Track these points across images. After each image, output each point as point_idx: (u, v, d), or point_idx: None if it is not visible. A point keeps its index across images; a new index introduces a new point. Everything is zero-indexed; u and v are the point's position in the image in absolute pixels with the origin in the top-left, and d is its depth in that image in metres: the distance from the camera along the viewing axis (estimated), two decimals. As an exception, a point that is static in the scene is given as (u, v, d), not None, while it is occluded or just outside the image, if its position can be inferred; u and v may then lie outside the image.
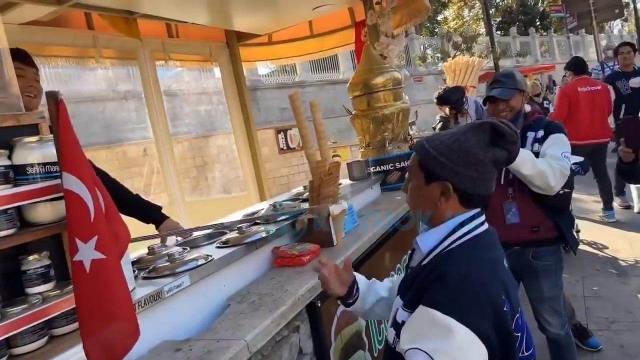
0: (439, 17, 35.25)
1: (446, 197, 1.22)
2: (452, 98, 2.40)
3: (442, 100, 2.50)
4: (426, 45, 21.69)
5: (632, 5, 26.11)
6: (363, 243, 2.16)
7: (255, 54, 5.11)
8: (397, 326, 1.21)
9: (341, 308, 1.81)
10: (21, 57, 1.93)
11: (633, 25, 29.89)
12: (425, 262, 1.24)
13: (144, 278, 1.56)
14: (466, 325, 1.04)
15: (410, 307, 1.17)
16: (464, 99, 2.71)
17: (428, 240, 1.27)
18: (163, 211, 2.44)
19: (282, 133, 7.53)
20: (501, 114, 2.41)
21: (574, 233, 2.52)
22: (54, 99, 1.04)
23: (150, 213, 2.29)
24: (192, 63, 4.51)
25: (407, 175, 1.34)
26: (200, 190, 7.86)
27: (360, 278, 1.51)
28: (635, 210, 3.32)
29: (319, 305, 1.68)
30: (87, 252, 0.98)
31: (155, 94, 3.95)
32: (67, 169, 1.00)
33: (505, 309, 1.10)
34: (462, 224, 1.22)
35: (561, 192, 2.29)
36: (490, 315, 1.07)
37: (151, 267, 1.61)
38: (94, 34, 3.44)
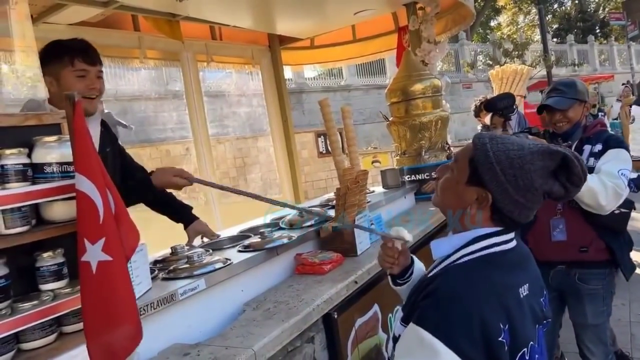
0: (492, 23, 34.46)
1: (480, 207, 1.12)
2: (499, 105, 2.28)
3: (489, 106, 2.39)
4: (477, 52, 21.23)
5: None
6: (389, 254, 2.10)
7: (297, 57, 5.13)
8: (395, 340, 1.16)
9: (359, 321, 1.78)
10: (84, 55, 1.83)
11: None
12: (431, 273, 1.17)
13: (163, 279, 1.58)
14: (453, 349, 0.97)
15: (405, 321, 1.11)
16: (514, 107, 2.58)
17: (442, 247, 1.19)
18: (199, 211, 2.50)
19: (322, 137, 7.52)
20: (557, 125, 2.28)
21: (630, 257, 2.35)
22: (70, 100, 1.06)
23: (181, 213, 2.32)
24: (235, 65, 4.58)
25: (451, 161, 1.23)
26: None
27: (418, 264, 1.50)
28: None
29: (336, 316, 1.64)
30: (94, 254, 0.98)
31: (196, 95, 4.03)
32: (79, 170, 1.02)
33: (500, 339, 1.00)
34: (482, 237, 1.12)
35: (617, 211, 2.14)
36: (480, 343, 0.98)
37: (170, 269, 1.62)
38: (139, 35, 3.55)
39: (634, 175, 2.56)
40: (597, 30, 28.45)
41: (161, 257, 1.85)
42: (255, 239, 1.92)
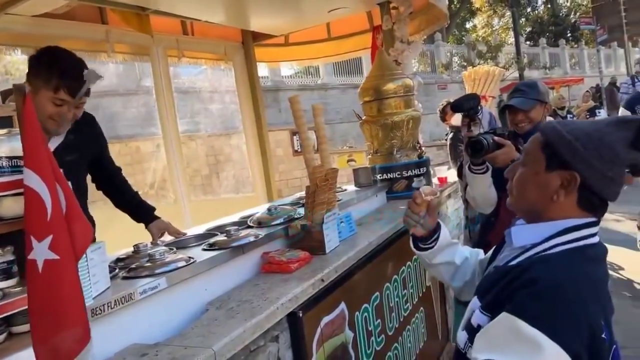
0: (468, 25, 34.97)
1: (567, 191, 1.06)
2: (465, 105, 2.31)
3: (455, 107, 2.41)
4: (453, 53, 21.50)
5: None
6: (357, 252, 2.10)
7: (271, 54, 5.10)
8: (472, 330, 1.09)
9: (325, 319, 1.77)
10: (71, 87, 1.77)
11: (669, 41, 29.11)
12: (515, 262, 1.10)
13: (123, 278, 1.54)
14: (558, 343, 0.90)
15: (490, 311, 1.05)
16: (479, 107, 2.61)
17: (525, 235, 1.12)
18: (168, 209, 2.47)
19: (297, 135, 7.49)
20: (519, 125, 2.32)
21: None
22: (20, 92, 1.02)
23: (142, 213, 2.28)
24: (207, 61, 4.51)
25: (520, 158, 1.18)
26: (212, 188, 7.89)
27: (444, 232, 1.46)
28: None
29: (301, 315, 1.63)
30: (41, 251, 0.95)
31: (167, 91, 3.96)
32: (28, 165, 0.98)
33: (603, 335, 0.95)
34: (572, 228, 1.07)
35: None
36: (586, 339, 0.92)
37: (131, 267, 1.58)
38: (107, 29, 3.47)
39: None
40: (568, 34, 29.13)
41: (123, 256, 1.80)
42: (221, 237, 1.88)
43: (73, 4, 2.89)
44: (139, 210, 2.28)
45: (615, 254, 5.10)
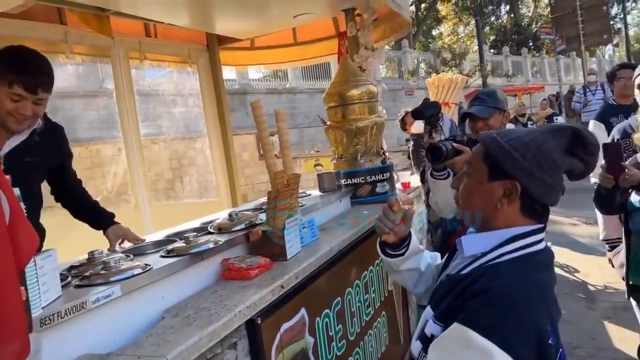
0: (435, 32, 35.64)
1: (509, 200, 1.10)
2: (426, 113, 2.36)
3: (416, 114, 2.46)
4: (419, 60, 21.87)
5: (623, 32, 26.58)
6: (318, 258, 2.11)
7: (236, 58, 5.07)
8: (426, 340, 1.11)
9: (285, 326, 1.76)
10: (27, 82, 1.77)
11: (624, 51, 30.41)
12: (466, 271, 1.13)
13: (76, 286, 1.50)
14: (508, 352, 0.93)
15: (443, 320, 1.07)
16: (440, 115, 2.68)
17: (475, 244, 1.15)
18: (129, 214, 2.43)
19: (263, 140, 7.45)
20: (479, 132, 2.38)
21: None
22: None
23: (100, 219, 2.22)
24: (170, 64, 4.45)
25: (465, 168, 1.22)
26: (175, 193, 7.75)
27: (414, 240, 1.46)
28: (600, 237, 3.34)
29: (260, 322, 1.62)
30: (-21, 261, 0.91)
31: (128, 94, 3.88)
32: (-31, 172, 0.95)
33: (550, 341, 0.99)
34: (519, 236, 1.10)
35: None
36: (534, 346, 0.96)
37: (85, 275, 1.54)
38: (65, 29, 3.38)
39: None
40: (530, 44, 30.05)
41: (77, 263, 1.76)
42: (179, 244, 1.86)
43: (30, 3, 2.80)
44: (98, 217, 2.23)
45: (570, 257, 5.28)
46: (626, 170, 2.06)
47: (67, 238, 2.54)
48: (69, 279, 1.56)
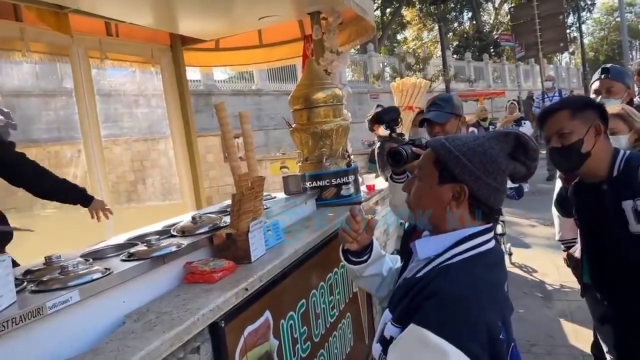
0: (400, 37, 36.17)
1: (457, 202, 1.15)
2: (385, 118, 2.43)
3: (378, 119, 2.53)
4: (385, 64, 22.14)
5: (579, 40, 27.67)
6: (283, 260, 2.11)
7: (200, 59, 5.01)
8: (385, 342, 1.14)
9: (249, 329, 1.76)
10: None
11: (580, 59, 31.64)
12: (421, 273, 1.17)
13: (32, 292, 1.45)
14: (461, 349, 0.98)
15: (400, 322, 1.11)
16: (399, 119, 2.75)
17: (428, 247, 1.20)
18: (88, 216, 2.64)
19: (229, 141, 7.36)
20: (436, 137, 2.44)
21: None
22: None
23: (78, 195, 2.48)
24: (132, 64, 4.36)
25: (416, 172, 1.27)
26: (137, 195, 7.56)
27: (376, 247, 1.50)
28: (557, 238, 3.49)
29: (223, 325, 1.61)
30: None
31: (88, 94, 3.78)
32: None
33: (501, 337, 1.04)
34: (469, 237, 1.15)
35: None
36: (486, 342, 1.01)
37: (41, 280, 1.50)
38: (21, 26, 3.26)
39: (515, 185, 2.80)
40: (492, 50, 30.87)
41: (34, 268, 1.70)
42: (141, 247, 1.83)
43: (-18, -1, 2.70)
44: (76, 194, 2.50)
45: (528, 257, 5.45)
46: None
47: (24, 242, 2.45)
48: (25, 284, 1.51)
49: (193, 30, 4.26)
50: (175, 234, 2.12)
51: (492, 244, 1.19)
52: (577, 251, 2.45)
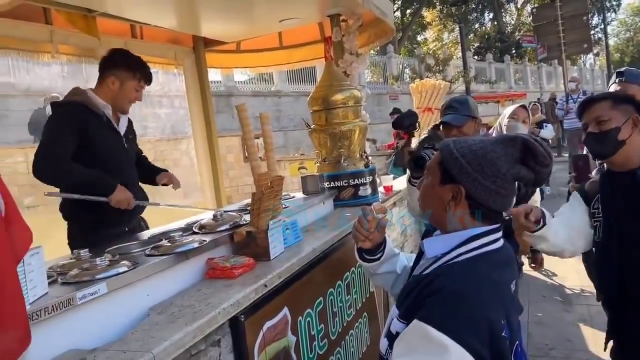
0: (420, 38, 36.01)
1: (456, 202, 1.19)
2: (406, 123, 2.48)
3: (396, 125, 2.58)
4: (404, 65, 22.07)
5: (604, 42, 27.18)
6: (301, 259, 2.15)
7: (222, 61, 5.09)
8: (392, 337, 1.18)
9: (268, 324, 1.80)
10: (148, 80, 2.74)
11: (605, 60, 31.07)
12: (428, 271, 1.21)
13: (63, 284, 1.52)
14: (462, 345, 1.01)
15: (406, 318, 1.15)
16: (417, 124, 2.79)
17: (436, 246, 1.24)
18: None
19: (248, 142, 7.44)
20: None
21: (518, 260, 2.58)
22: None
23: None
24: (156, 66, 4.45)
25: (425, 173, 1.32)
26: (161, 194, 7.68)
27: (389, 245, 1.56)
28: None
29: (243, 320, 1.66)
30: (-22, 254, 0.94)
31: (114, 95, 3.88)
32: (-37, 169, 0.98)
33: (504, 334, 1.06)
34: (475, 237, 1.19)
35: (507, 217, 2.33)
36: (487, 339, 1.03)
37: (71, 273, 1.57)
38: (51, 29, 3.38)
39: None
40: (513, 51, 30.53)
41: (63, 262, 1.78)
42: (165, 243, 1.89)
43: (16, 2, 2.81)
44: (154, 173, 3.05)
45: (548, 261, 5.38)
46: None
47: (51, 238, 2.55)
48: (55, 276, 1.58)
49: (215, 32, 4.34)
50: (197, 231, 2.18)
51: (499, 243, 1.22)
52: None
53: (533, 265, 2.86)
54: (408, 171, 2.58)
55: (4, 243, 0.98)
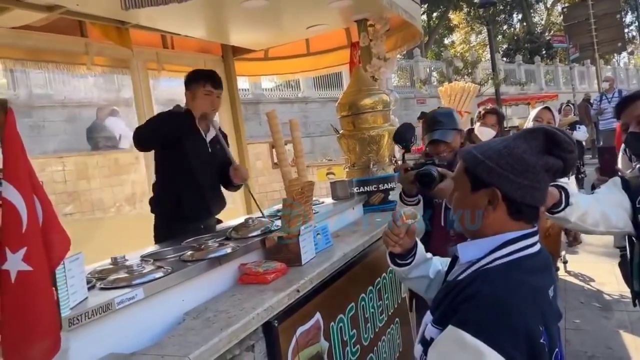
0: (446, 41, 35.66)
1: (494, 206, 1.17)
2: (407, 135, 2.45)
3: (397, 138, 2.51)
4: (431, 68, 21.88)
5: (638, 40, 26.38)
6: (332, 264, 2.15)
7: (250, 68, 5.15)
8: (426, 343, 1.18)
9: (301, 329, 1.80)
10: (213, 81, 2.83)
11: (639, 59, 30.13)
12: (462, 276, 1.19)
13: (101, 289, 1.56)
14: (498, 350, 0.98)
15: (440, 324, 1.13)
16: (414, 137, 2.73)
17: (470, 251, 1.22)
18: (147, 219, 3.02)
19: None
20: (441, 155, 2.47)
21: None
22: (2, 106, 1.05)
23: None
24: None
25: (453, 184, 1.32)
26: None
27: (421, 249, 1.56)
28: (614, 244, 3.35)
29: (277, 325, 1.66)
30: (14, 263, 0.97)
31: (147, 103, 3.98)
32: (7, 178, 1.01)
33: (542, 340, 1.03)
34: (510, 242, 1.16)
35: None
36: (524, 345, 1.01)
37: (109, 279, 1.60)
38: (86, 42, 3.49)
39: None
40: (543, 52, 29.90)
41: (101, 268, 1.82)
42: (198, 249, 1.91)
43: (52, 17, 2.91)
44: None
45: (584, 266, 5.25)
46: (619, 174, 2.09)
47: (88, 244, 2.62)
48: (94, 281, 1.62)
49: (244, 41, 4.39)
50: (229, 236, 2.20)
51: (536, 247, 1.19)
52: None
53: (570, 239, 2.79)
54: (401, 189, 2.56)
55: (38, 254, 1.01)
